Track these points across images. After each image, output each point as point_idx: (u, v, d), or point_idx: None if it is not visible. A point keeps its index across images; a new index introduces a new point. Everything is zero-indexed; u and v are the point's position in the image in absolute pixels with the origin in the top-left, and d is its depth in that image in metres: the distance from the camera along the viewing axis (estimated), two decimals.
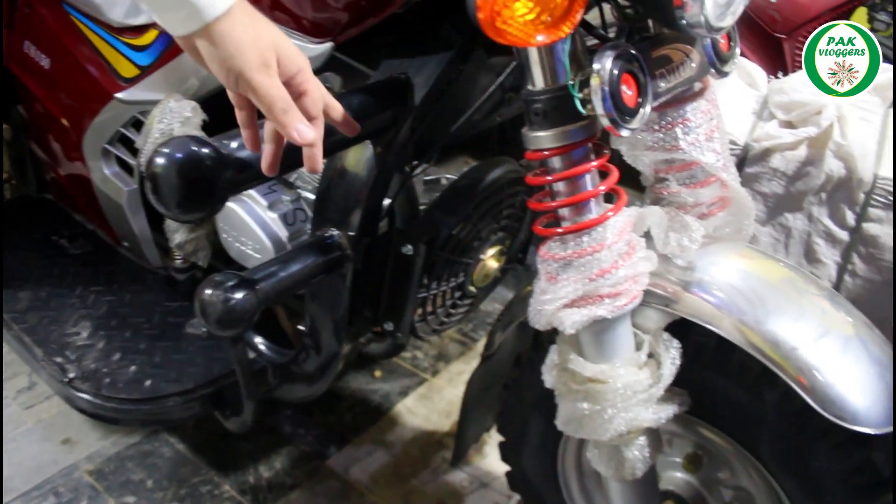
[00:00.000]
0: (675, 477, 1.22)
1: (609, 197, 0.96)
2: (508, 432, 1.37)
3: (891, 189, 1.69)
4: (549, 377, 1.05)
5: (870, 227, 1.74)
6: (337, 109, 0.92)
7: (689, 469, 1.20)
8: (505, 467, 1.43)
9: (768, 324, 0.95)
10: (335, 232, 1.12)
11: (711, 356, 1.03)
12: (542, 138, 0.90)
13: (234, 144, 0.90)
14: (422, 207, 1.26)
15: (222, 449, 1.78)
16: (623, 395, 0.98)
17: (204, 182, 0.86)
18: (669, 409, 1.01)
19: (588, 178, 0.92)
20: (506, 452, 1.40)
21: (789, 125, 1.82)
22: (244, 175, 0.90)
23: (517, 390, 1.29)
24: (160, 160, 0.85)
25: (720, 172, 1.03)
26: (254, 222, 1.34)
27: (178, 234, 1.46)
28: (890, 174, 1.68)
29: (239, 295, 1.00)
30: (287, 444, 1.81)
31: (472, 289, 1.29)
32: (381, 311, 1.23)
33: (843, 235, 1.78)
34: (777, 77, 1.88)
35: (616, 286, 0.93)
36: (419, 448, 1.80)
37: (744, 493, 1.17)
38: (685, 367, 1.01)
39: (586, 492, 1.34)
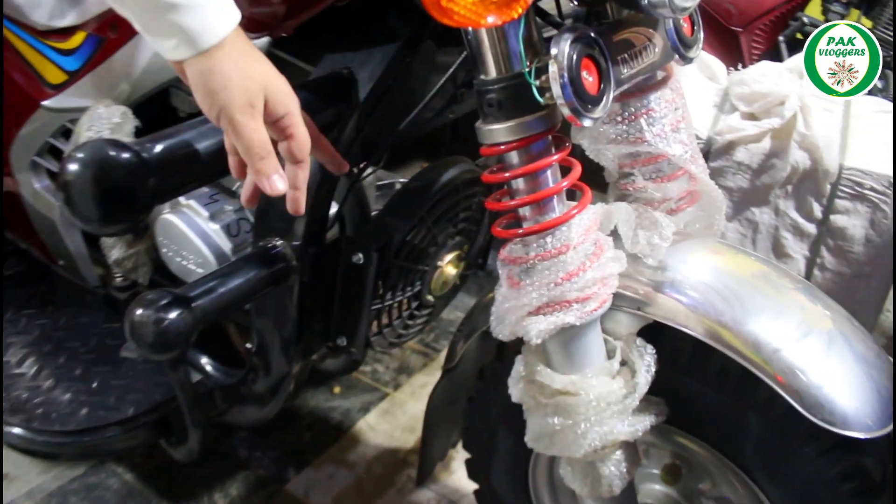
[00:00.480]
0: (654, 490, 1.15)
1: (572, 194, 0.89)
2: (475, 449, 1.29)
3: (857, 179, 1.65)
4: (515, 391, 0.97)
5: (837, 220, 1.70)
6: (326, 148, 0.93)
7: (667, 481, 1.14)
8: (473, 485, 1.36)
9: (748, 324, 0.89)
10: (279, 242, 1.03)
11: (688, 361, 0.97)
12: (497, 131, 0.82)
13: (158, 148, 0.81)
14: (375, 214, 1.18)
15: (173, 477, 1.67)
16: (596, 408, 0.91)
17: (123, 189, 0.77)
18: (646, 420, 0.94)
19: (549, 173, 0.85)
20: (473, 470, 1.33)
21: (752, 117, 1.78)
22: (170, 182, 0.81)
23: (482, 404, 1.22)
24: (73, 167, 0.76)
25: (688, 165, 0.97)
26: (195, 235, 1.26)
27: (115, 250, 1.37)
28: (855, 164, 1.64)
29: (173, 314, 0.91)
30: (242, 468, 1.71)
31: (429, 298, 1.21)
32: (332, 325, 1.15)
33: (811, 228, 1.74)
34: (736, 70, 1.84)
35: (584, 290, 0.85)
36: (383, 467, 1.71)
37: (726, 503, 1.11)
38: (661, 373, 0.94)
39: None
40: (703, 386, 0.97)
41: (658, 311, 0.93)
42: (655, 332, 0.96)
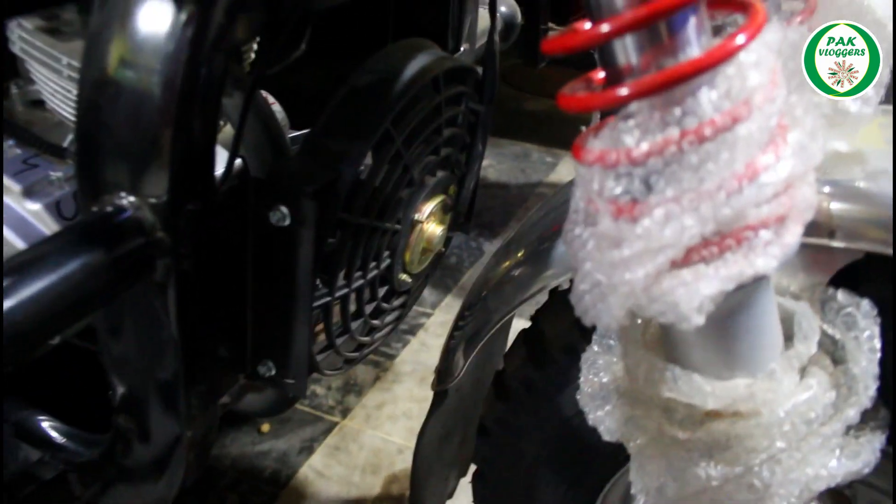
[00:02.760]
0: None
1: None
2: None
3: None
4: (607, 420, 0.52)
5: None
6: None
7: None
8: None
9: None
10: (128, 199, 0.54)
11: None
12: None
13: None
14: (298, 146, 0.70)
15: None
16: (791, 434, 0.46)
17: None
18: (873, 444, 0.49)
19: None
20: None
21: None
22: None
23: (507, 438, 0.76)
24: None
25: None
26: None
27: None
28: None
29: None
30: None
31: (404, 277, 0.74)
32: (249, 343, 0.66)
33: None
34: None
35: (779, 199, 0.40)
36: None
37: None
38: None
39: None
40: None
41: (873, 233, 0.49)
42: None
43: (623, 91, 0.39)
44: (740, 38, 0.39)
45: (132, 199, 0.54)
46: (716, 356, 0.46)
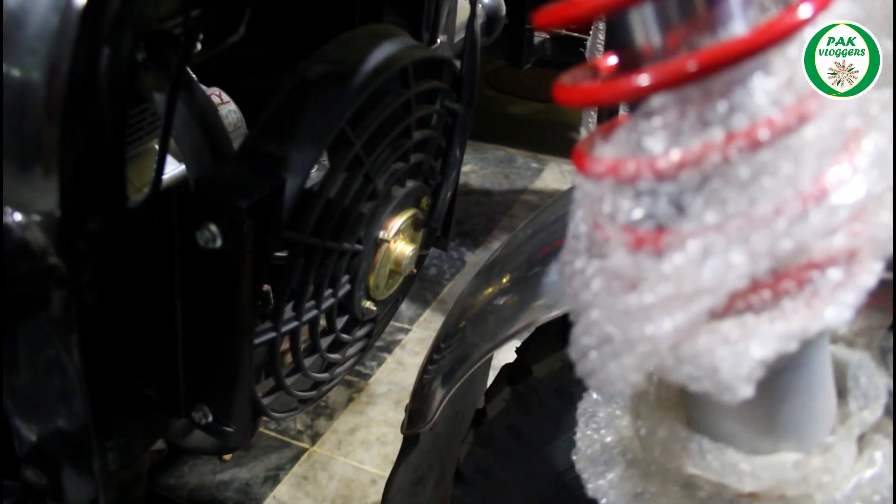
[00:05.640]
0: None
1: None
2: None
3: None
4: (612, 493, 0.42)
5: None
6: None
7: None
8: None
9: None
10: (11, 217, 0.44)
11: None
12: None
13: None
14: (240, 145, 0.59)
15: None
16: None
17: None
18: None
19: None
20: None
21: None
22: None
23: (488, 490, 0.65)
24: None
25: None
26: None
27: None
28: None
29: None
30: None
31: (368, 305, 0.63)
32: (181, 386, 0.56)
33: None
34: None
35: (854, 228, 0.30)
36: None
37: None
38: None
39: None
40: None
41: None
42: None
43: (644, 79, 0.29)
44: (805, 10, 0.29)
45: (17, 216, 0.43)
46: (755, 425, 0.36)
